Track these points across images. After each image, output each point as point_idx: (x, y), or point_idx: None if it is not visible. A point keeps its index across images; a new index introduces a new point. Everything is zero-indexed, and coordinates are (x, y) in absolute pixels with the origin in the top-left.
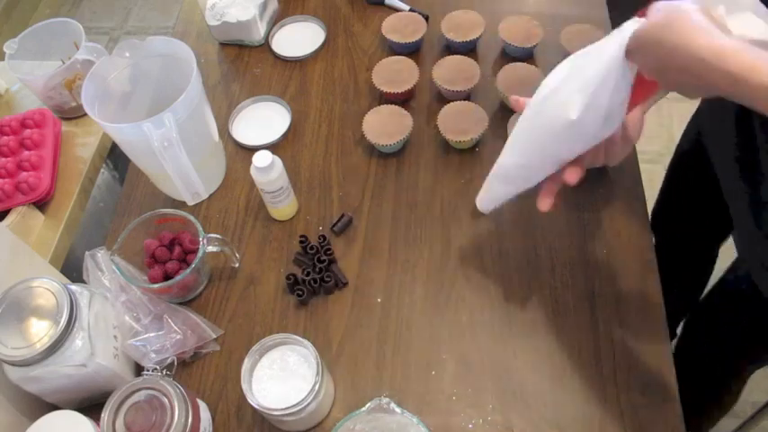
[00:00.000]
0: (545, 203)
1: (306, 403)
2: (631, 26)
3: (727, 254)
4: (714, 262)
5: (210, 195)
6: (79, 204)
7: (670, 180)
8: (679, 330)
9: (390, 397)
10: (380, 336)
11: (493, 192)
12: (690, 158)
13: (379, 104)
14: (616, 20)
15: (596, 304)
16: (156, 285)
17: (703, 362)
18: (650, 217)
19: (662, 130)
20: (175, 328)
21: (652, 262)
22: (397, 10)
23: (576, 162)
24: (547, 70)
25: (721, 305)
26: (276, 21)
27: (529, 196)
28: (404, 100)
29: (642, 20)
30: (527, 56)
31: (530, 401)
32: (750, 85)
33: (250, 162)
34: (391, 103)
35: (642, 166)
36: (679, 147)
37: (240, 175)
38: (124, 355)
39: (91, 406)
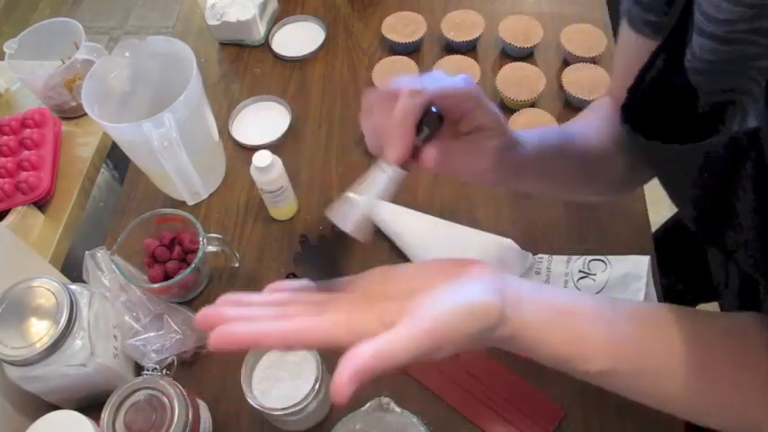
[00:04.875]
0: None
1: (306, 403)
2: None
3: None
4: None
5: (210, 195)
6: (79, 204)
7: None
8: None
9: (390, 397)
10: None
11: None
12: None
13: None
14: (616, 20)
15: None
16: (156, 285)
17: None
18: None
19: None
20: (175, 327)
21: (653, 262)
22: None
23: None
24: (547, 70)
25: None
26: (276, 20)
27: (529, 197)
28: None
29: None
30: (527, 56)
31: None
32: None
33: (250, 162)
34: None
35: None
36: None
37: (240, 175)
38: (124, 355)
39: (91, 406)
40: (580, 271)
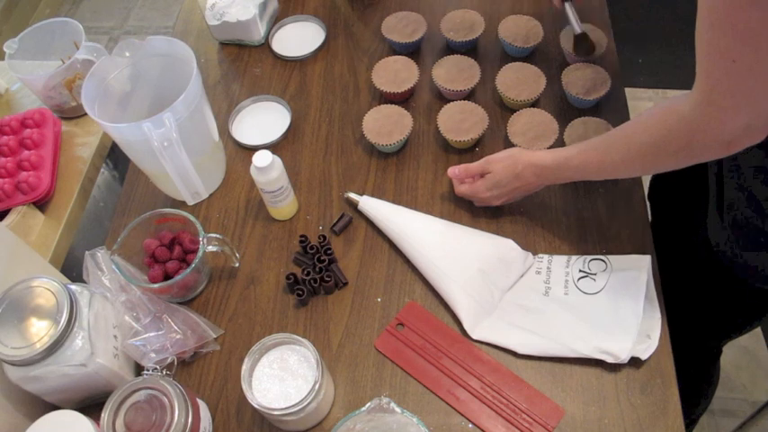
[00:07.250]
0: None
1: (306, 403)
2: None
3: None
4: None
5: (210, 195)
6: (79, 204)
7: None
8: None
9: (390, 397)
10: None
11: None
12: None
13: (379, 104)
14: (616, 19)
15: None
16: (156, 285)
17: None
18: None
19: None
20: (175, 327)
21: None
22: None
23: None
24: (547, 70)
25: (683, 285)
26: (276, 20)
27: (529, 197)
28: (404, 100)
29: None
30: (527, 56)
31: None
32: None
33: (250, 162)
34: (391, 103)
35: None
36: None
37: (240, 175)
38: (124, 355)
39: (91, 406)
40: (580, 271)
